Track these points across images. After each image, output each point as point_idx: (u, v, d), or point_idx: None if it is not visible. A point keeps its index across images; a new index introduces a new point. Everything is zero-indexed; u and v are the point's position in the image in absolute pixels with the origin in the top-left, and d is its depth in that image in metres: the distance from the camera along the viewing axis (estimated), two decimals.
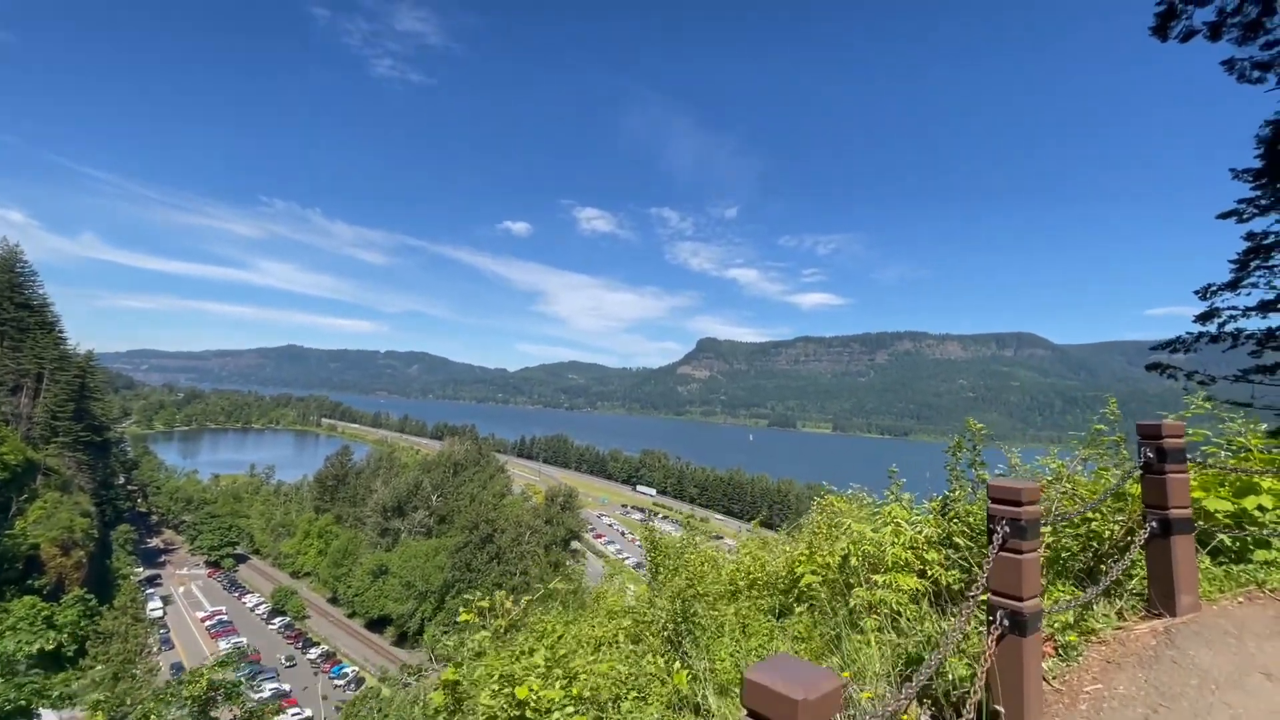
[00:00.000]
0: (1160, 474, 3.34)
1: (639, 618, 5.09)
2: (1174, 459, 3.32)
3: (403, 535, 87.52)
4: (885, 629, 3.28)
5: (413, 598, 72.44)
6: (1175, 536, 3.27)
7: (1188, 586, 3.35)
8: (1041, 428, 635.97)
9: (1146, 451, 3.41)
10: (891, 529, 4.11)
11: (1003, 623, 2.51)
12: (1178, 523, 3.27)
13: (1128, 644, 3.17)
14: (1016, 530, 2.59)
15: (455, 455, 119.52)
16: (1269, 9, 10.92)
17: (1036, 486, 2.62)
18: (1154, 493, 3.39)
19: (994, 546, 2.61)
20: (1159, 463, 3.34)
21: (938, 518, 4.45)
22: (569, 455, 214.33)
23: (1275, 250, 13.41)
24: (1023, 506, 2.58)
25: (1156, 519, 3.32)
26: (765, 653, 4.10)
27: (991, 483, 2.77)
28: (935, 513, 4.62)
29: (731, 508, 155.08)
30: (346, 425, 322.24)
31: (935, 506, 4.77)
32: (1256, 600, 3.62)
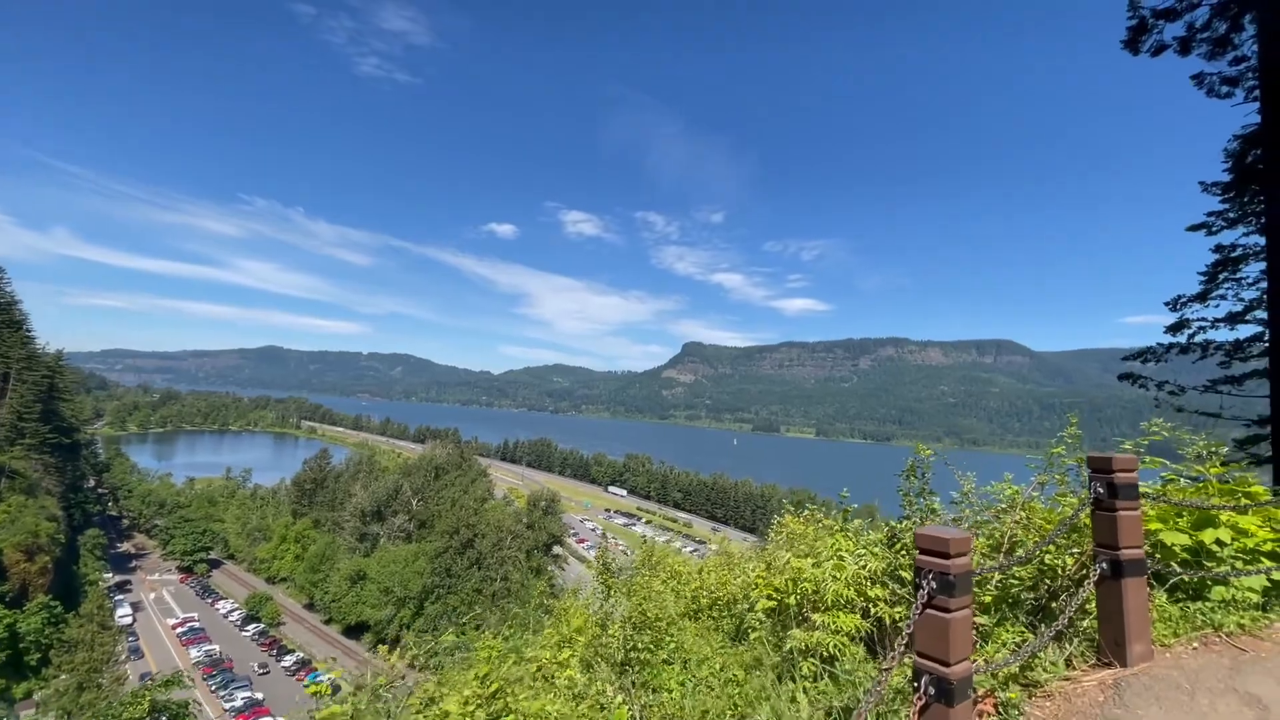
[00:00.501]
0: (1111, 511, 3.10)
1: (592, 641, 4.84)
2: (1125, 495, 3.07)
3: (382, 540, 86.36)
4: (821, 675, 3.06)
5: (391, 604, 71.42)
6: (1127, 580, 3.02)
7: (1139, 634, 3.10)
8: (1019, 433, 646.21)
9: (1097, 486, 3.16)
10: (833, 564, 3.87)
11: (928, 690, 2.25)
12: (1129, 565, 3.03)
13: (1074, 699, 2.93)
14: (944, 586, 2.33)
15: (437, 459, 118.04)
16: (1236, 25, 11.02)
17: (967, 537, 2.37)
18: (1105, 531, 3.16)
19: (919, 603, 2.36)
20: (1110, 498, 3.10)
21: (884, 549, 4.21)
22: (552, 459, 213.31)
23: (1242, 263, 13.53)
24: (951, 559, 2.32)
25: (1107, 559, 3.08)
26: (716, 683, 3.87)
27: (918, 531, 2.51)
28: (882, 543, 4.36)
29: (715, 512, 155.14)
30: (327, 428, 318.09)
31: (882, 537, 4.50)
32: (1212, 646, 3.38)
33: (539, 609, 7.04)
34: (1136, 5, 11.38)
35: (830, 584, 3.65)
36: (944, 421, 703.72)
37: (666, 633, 4.54)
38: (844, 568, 3.82)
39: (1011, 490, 4.52)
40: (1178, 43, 11.48)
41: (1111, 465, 3.09)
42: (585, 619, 5.28)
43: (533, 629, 5.96)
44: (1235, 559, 3.30)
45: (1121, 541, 3.02)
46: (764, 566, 5.35)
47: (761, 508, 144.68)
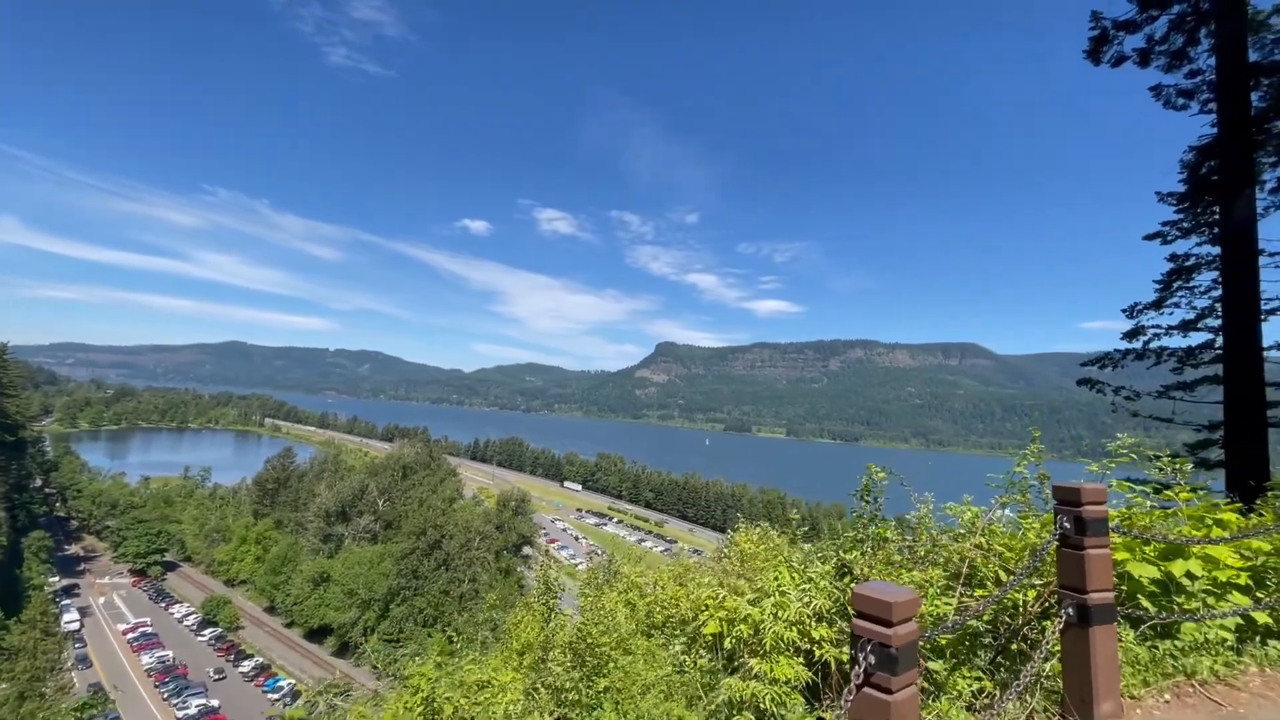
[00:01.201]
0: (1078, 548, 2.74)
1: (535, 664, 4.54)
2: (1094, 530, 2.70)
3: (346, 541, 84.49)
4: None
5: (355, 606, 69.93)
6: (1095, 628, 2.66)
7: (1108, 689, 2.73)
8: (983, 434, 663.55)
9: (1063, 521, 2.79)
10: (775, 601, 3.54)
11: None
12: (1098, 610, 2.67)
13: None
14: (885, 660, 1.96)
15: (405, 458, 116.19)
16: (1193, 39, 11.20)
17: (913, 598, 2.04)
18: (1071, 571, 2.79)
19: (856, 679, 2.01)
20: (1077, 534, 2.74)
21: (833, 582, 3.87)
22: (524, 458, 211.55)
23: (1196, 272, 13.83)
24: (894, 627, 1.97)
25: (1074, 604, 2.73)
26: (656, 715, 3.60)
27: (856, 591, 2.15)
28: (830, 576, 3.99)
29: (686, 512, 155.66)
30: (291, 425, 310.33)
31: (830, 569, 4.11)
32: (1185, 697, 3.04)
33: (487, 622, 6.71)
34: (1099, 16, 11.51)
35: (770, 625, 3.31)
36: (911, 422, 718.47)
37: (610, 657, 4.24)
38: (787, 606, 3.46)
39: (971, 513, 4.19)
40: (1137, 54, 11.64)
41: (1079, 497, 2.74)
42: (535, 635, 4.97)
43: (480, 644, 5.62)
44: (1206, 594, 3.00)
45: (1090, 584, 2.67)
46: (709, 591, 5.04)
47: (733, 507, 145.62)
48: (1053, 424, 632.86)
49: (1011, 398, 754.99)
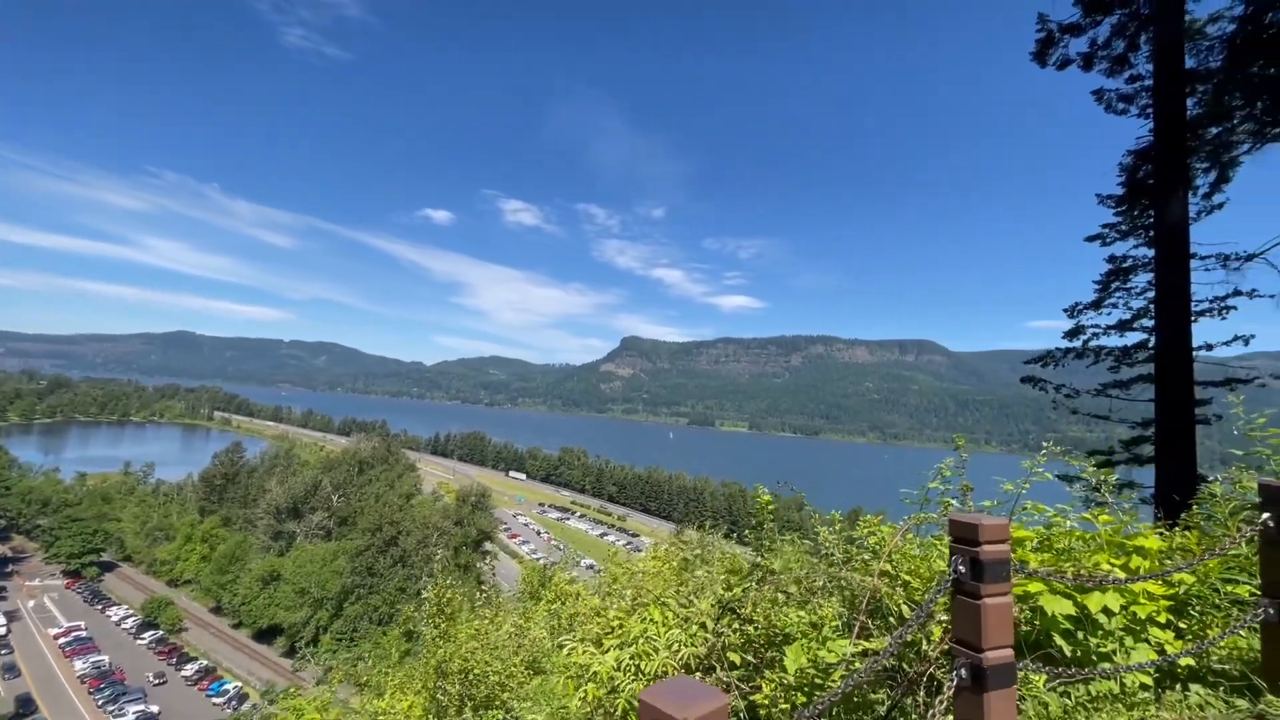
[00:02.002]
0: (974, 596, 2.26)
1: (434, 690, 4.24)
2: (993, 575, 2.23)
3: (298, 538, 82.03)
4: None
5: (307, 605, 68.01)
6: (991, 694, 2.23)
7: None
8: (936, 428, 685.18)
9: (958, 563, 2.31)
10: (638, 650, 3.10)
11: None
12: (995, 673, 2.23)
13: None
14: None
15: (361, 453, 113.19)
16: (1133, 45, 11.50)
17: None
18: (966, 623, 2.30)
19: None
20: (973, 579, 2.26)
21: (710, 626, 3.36)
22: (486, 453, 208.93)
23: (1132, 273, 14.28)
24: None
25: (967, 664, 2.28)
26: None
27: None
28: (711, 615, 3.46)
29: (649, 505, 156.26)
30: (242, 419, 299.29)
31: (709, 607, 3.54)
32: None
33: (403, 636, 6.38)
34: (1045, 19, 11.72)
35: (627, 683, 2.93)
36: (868, 417, 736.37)
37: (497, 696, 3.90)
38: (651, 657, 3.06)
39: (876, 537, 3.71)
40: (1081, 58, 11.90)
41: (977, 535, 2.24)
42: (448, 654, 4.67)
43: (396, 658, 5.31)
44: (1126, 632, 2.56)
45: (986, 639, 2.22)
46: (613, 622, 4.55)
47: (695, 500, 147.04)
48: (1002, 419, 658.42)
49: (964, 393, 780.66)
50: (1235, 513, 2.98)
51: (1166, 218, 9.44)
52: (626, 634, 3.44)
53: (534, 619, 4.77)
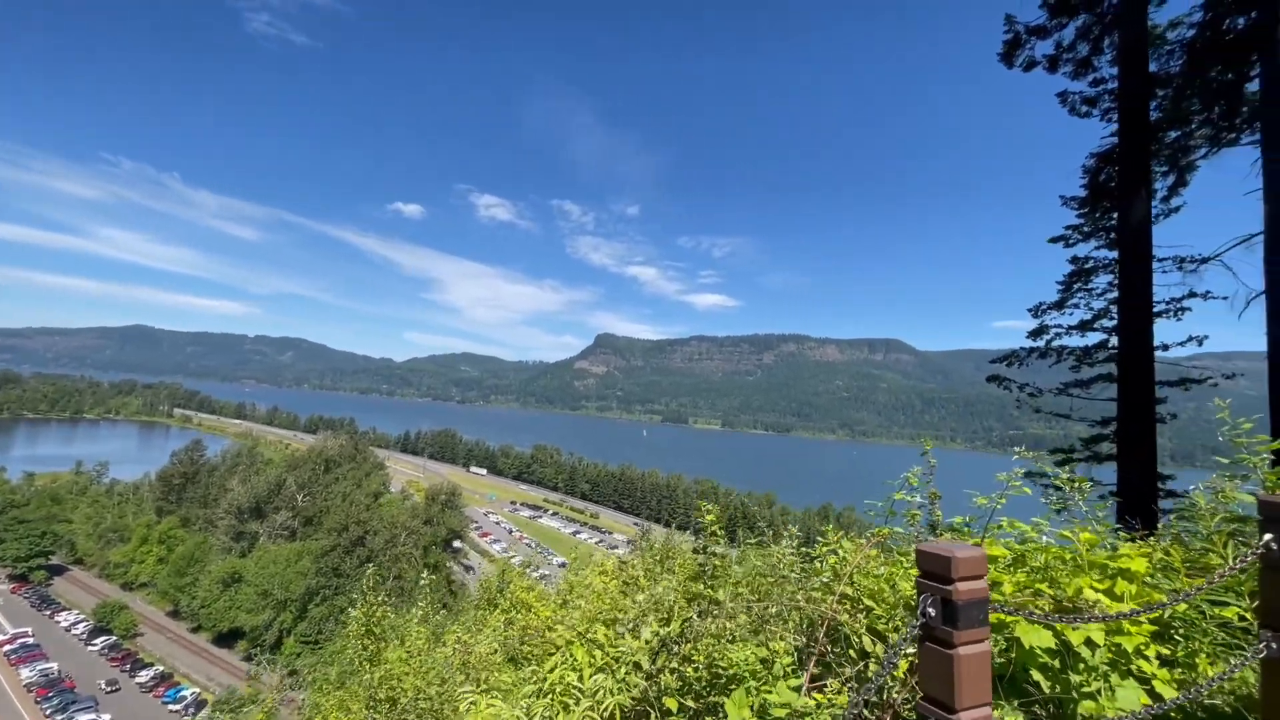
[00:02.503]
0: (947, 645, 1.83)
1: None
2: (969, 619, 1.81)
3: (261, 539, 79.88)
4: None
5: (270, 607, 66.32)
6: None
7: None
8: (904, 425, 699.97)
9: (927, 604, 1.89)
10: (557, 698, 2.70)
11: None
12: None
13: None
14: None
15: (328, 450, 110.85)
16: (1097, 49, 11.65)
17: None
18: (935, 678, 1.89)
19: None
20: (945, 624, 1.84)
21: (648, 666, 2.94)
22: (457, 451, 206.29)
23: (1094, 275, 14.53)
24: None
25: None
26: None
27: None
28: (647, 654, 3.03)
29: (622, 503, 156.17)
30: (204, 416, 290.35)
31: (644, 645, 3.08)
32: None
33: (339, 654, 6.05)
34: (1012, 20, 11.80)
35: None
36: (838, 414, 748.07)
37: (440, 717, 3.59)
38: (571, 710, 2.65)
39: (836, 559, 3.28)
40: (1046, 60, 12.02)
41: (950, 570, 1.82)
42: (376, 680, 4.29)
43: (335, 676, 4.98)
44: (1111, 667, 2.19)
45: (960, 699, 1.80)
46: None
47: (668, 497, 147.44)
48: (967, 417, 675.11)
49: (931, 392, 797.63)
50: (1221, 527, 2.84)
51: (1129, 219, 9.55)
52: (544, 677, 3.03)
53: (485, 631, 4.48)
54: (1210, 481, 2.93)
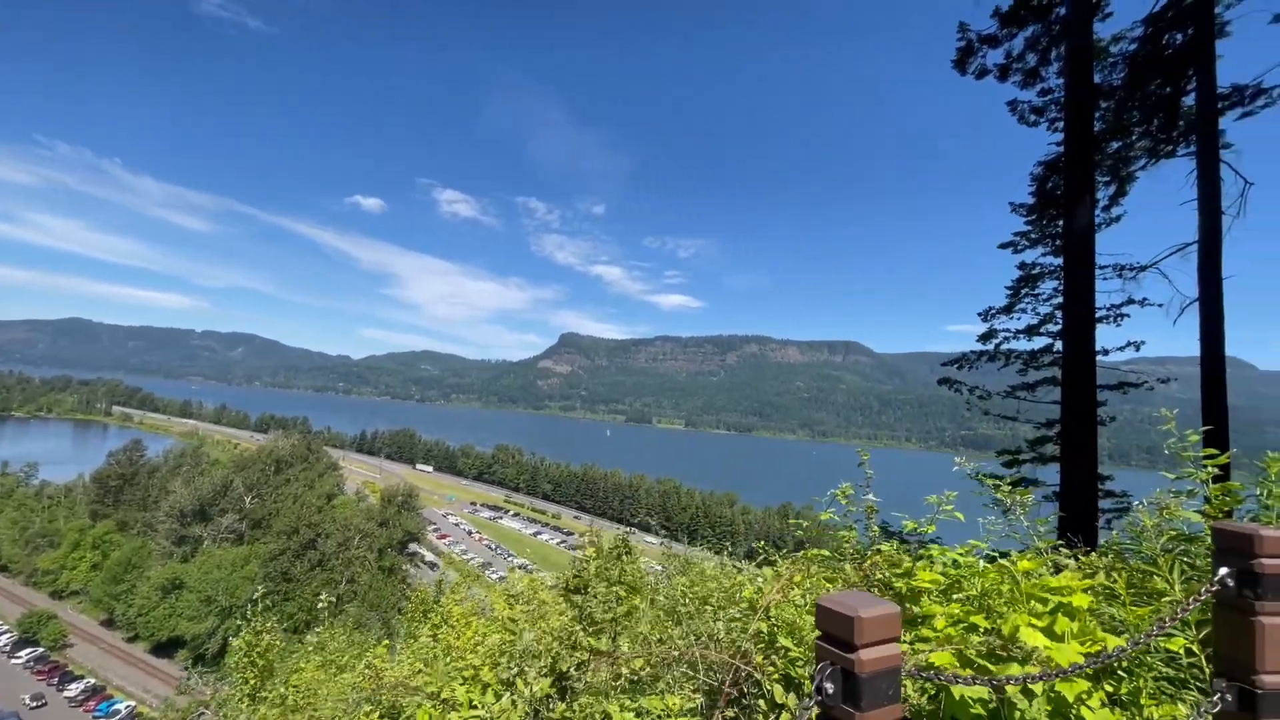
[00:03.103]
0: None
1: None
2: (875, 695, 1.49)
3: (205, 543, 76.60)
4: None
5: (214, 614, 63.62)
6: None
7: None
8: (862, 425, 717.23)
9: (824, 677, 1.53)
10: None
11: None
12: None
13: None
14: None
15: (279, 451, 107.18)
16: (1045, 59, 11.91)
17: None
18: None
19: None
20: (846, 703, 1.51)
21: None
22: (415, 451, 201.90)
23: (1040, 280, 14.90)
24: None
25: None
26: None
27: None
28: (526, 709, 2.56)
29: (584, 503, 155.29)
30: (147, 415, 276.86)
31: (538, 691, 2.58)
32: None
33: None
34: (965, 28, 11.96)
35: None
36: (799, 415, 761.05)
37: None
38: None
39: (753, 589, 2.96)
40: (997, 69, 12.23)
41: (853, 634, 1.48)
42: None
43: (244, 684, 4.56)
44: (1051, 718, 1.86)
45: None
46: None
47: (630, 497, 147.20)
48: (921, 417, 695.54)
49: (888, 393, 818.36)
50: (1169, 547, 2.70)
51: (1074, 227, 9.72)
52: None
53: (406, 652, 4.13)
54: (1154, 497, 2.81)
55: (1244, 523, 1.89)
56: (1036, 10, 11.77)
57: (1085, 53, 10.01)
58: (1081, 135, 9.88)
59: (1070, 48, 10.44)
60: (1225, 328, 9.68)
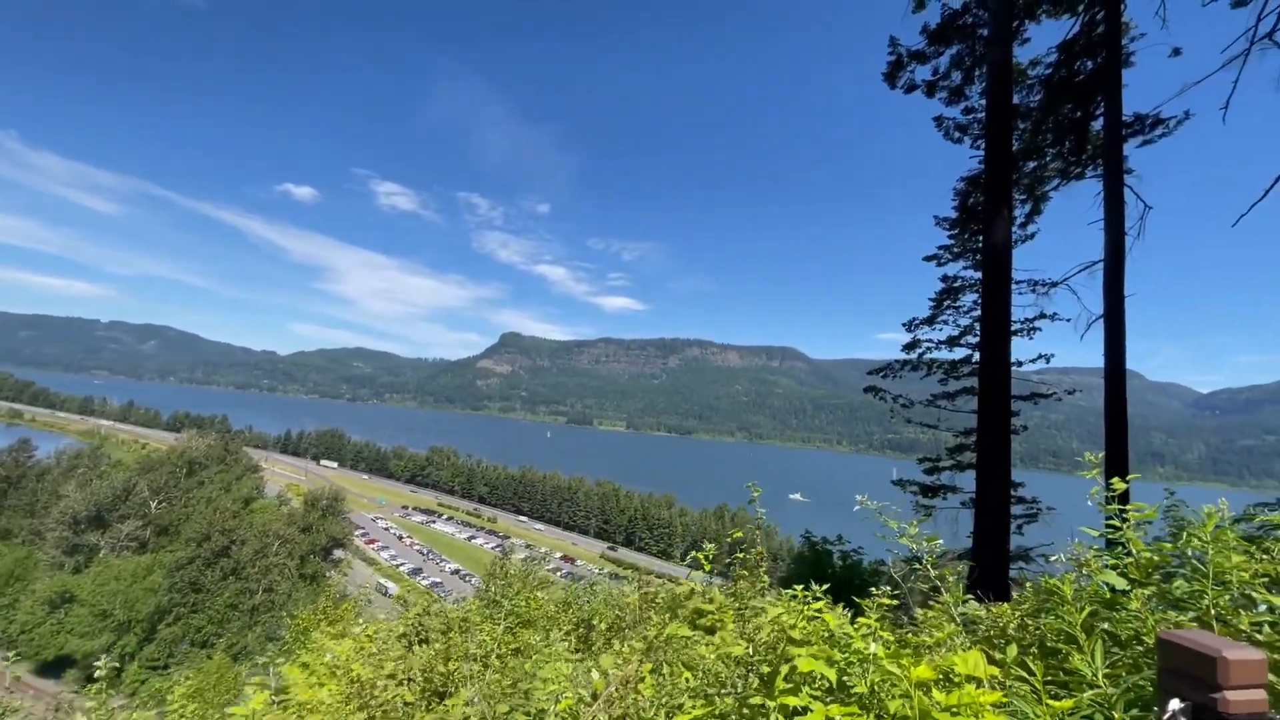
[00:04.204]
0: None
1: None
2: None
3: (102, 552, 70.70)
4: None
5: (110, 630, 58.98)
6: None
7: None
8: (796, 429, 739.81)
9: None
10: None
11: None
12: None
13: None
14: None
15: (192, 451, 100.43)
16: (969, 78, 12.28)
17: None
18: None
19: None
20: None
21: None
22: (344, 452, 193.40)
23: (961, 293, 15.41)
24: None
25: None
26: None
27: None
28: None
29: (522, 506, 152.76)
30: (39, 411, 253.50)
31: None
32: None
33: None
34: (895, 42, 12.20)
35: None
36: (737, 418, 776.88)
37: None
38: None
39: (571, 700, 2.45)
40: (925, 85, 12.54)
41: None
42: None
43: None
44: None
45: None
46: None
47: (568, 500, 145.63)
48: (852, 421, 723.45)
49: (821, 397, 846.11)
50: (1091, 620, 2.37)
51: (991, 243, 9.95)
52: None
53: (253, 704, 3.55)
54: (1072, 552, 2.57)
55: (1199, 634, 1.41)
56: (962, 30, 12.12)
57: (1005, 73, 10.30)
58: (1000, 154, 10.15)
59: (990, 68, 10.74)
60: (1126, 342, 10.14)
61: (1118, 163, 10.22)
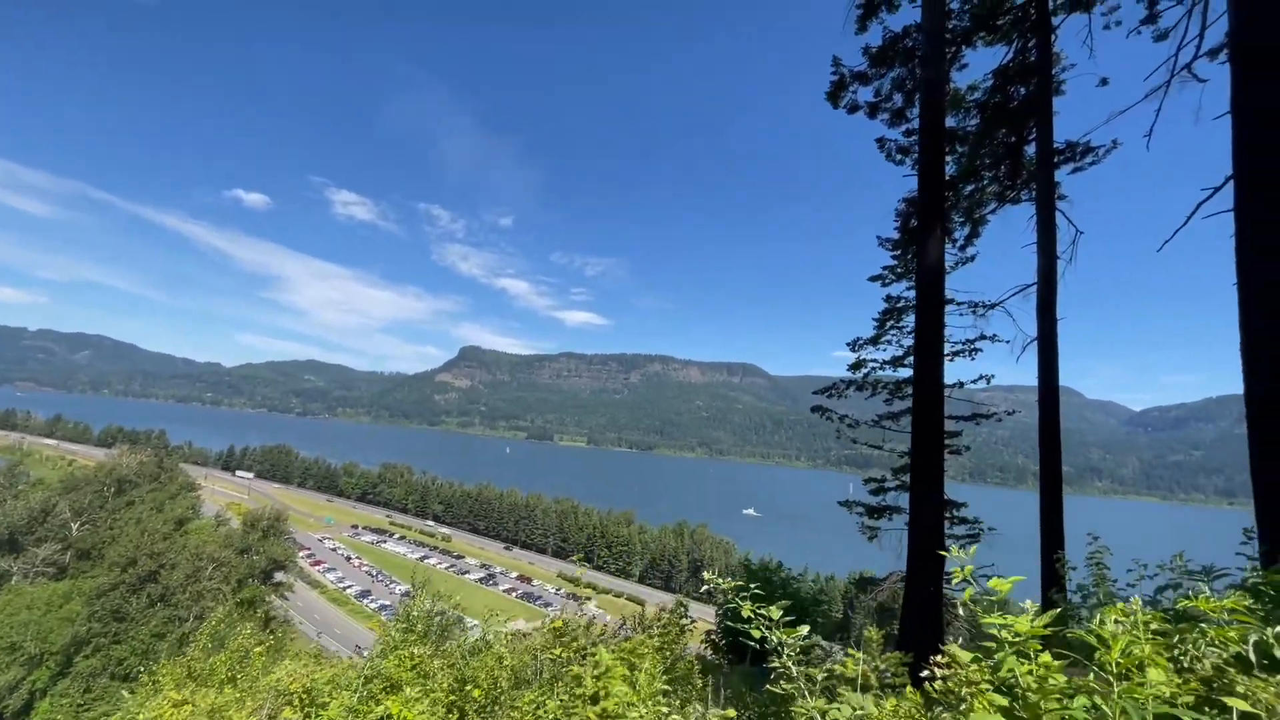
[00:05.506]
0: None
1: None
2: None
3: (14, 578, 65.69)
4: None
5: (18, 664, 54.53)
6: None
7: None
8: (756, 444, 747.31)
9: None
10: None
11: None
12: None
13: None
14: None
15: (122, 469, 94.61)
16: (910, 101, 12.38)
17: None
18: None
19: None
20: None
21: None
22: (292, 468, 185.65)
23: (905, 313, 15.50)
24: None
25: None
26: None
27: None
28: None
29: (477, 525, 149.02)
30: None
31: None
32: None
33: None
34: (838, 62, 12.21)
35: None
36: (698, 433, 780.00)
37: None
38: None
39: None
40: (868, 106, 12.60)
41: None
42: None
43: None
44: None
45: None
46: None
47: (526, 518, 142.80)
48: (810, 437, 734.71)
49: (781, 413, 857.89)
50: None
51: (926, 265, 9.90)
52: None
53: None
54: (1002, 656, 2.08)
55: None
56: (903, 53, 12.23)
57: (938, 93, 10.36)
58: (934, 174, 10.17)
59: (925, 86, 10.80)
60: (1060, 361, 10.21)
61: (1049, 188, 10.36)
